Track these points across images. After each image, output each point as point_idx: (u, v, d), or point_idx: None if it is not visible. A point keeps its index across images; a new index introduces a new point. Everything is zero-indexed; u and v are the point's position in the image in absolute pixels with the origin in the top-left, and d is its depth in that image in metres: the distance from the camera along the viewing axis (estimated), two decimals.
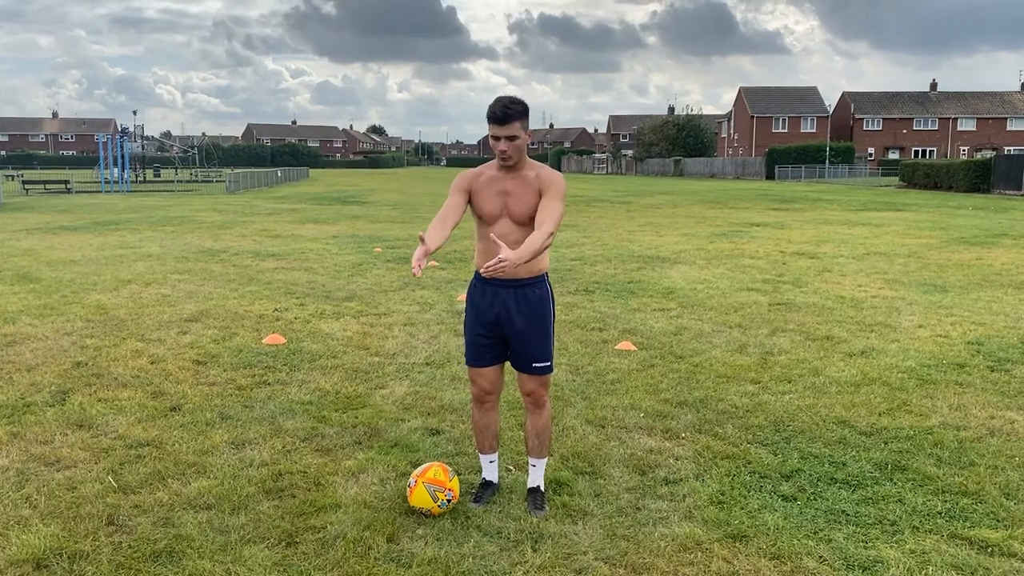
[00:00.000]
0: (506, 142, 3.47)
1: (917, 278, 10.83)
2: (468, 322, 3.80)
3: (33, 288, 9.82)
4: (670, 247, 14.59)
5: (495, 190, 3.59)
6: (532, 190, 3.56)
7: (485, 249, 3.63)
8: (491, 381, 3.85)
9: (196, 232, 17.56)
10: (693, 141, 79.97)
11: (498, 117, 3.43)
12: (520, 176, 3.58)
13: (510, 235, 3.55)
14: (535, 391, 3.80)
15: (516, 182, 3.58)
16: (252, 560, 3.33)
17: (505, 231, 3.57)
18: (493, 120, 3.45)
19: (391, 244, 15.21)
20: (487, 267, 3.21)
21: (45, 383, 5.80)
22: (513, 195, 3.57)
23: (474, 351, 3.80)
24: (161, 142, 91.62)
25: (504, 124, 3.44)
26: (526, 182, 3.57)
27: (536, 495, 3.87)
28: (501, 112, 3.42)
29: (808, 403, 5.41)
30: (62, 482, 4.09)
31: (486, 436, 3.95)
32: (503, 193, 3.58)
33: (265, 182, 47.10)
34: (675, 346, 6.97)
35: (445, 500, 3.71)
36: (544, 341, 3.74)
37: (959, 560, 3.36)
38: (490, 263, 3.19)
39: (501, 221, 3.59)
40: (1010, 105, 78.22)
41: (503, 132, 3.45)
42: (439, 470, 3.78)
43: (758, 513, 3.78)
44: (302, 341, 7.11)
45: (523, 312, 3.67)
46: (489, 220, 3.60)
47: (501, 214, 3.59)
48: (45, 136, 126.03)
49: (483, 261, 3.61)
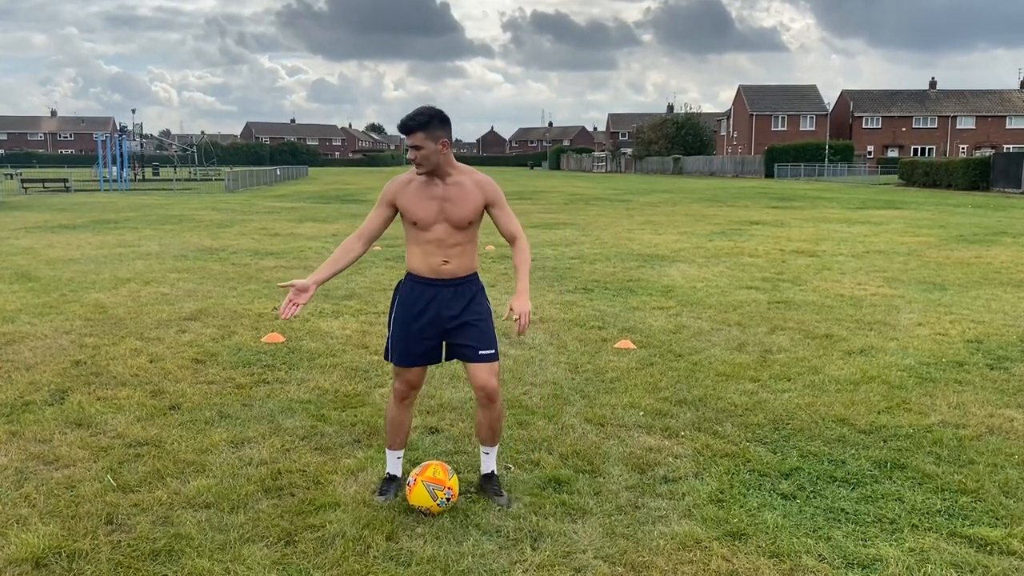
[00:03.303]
0: (413, 151, 3.62)
1: (916, 276, 10.83)
2: (400, 322, 3.83)
3: (32, 287, 9.81)
4: (669, 245, 14.59)
5: (428, 195, 3.70)
6: (473, 197, 3.71)
7: (422, 253, 3.75)
8: (419, 378, 3.93)
9: (195, 231, 17.55)
10: (692, 139, 80.00)
11: (401, 127, 3.63)
12: (456, 183, 3.72)
13: (447, 239, 3.71)
14: (487, 383, 3.77)
15: (453, 188, 3.70)
16: (251, 559, 3.33)
17: (441, 235, 3.70)
18: (399, 130, 3.63)
19: (390, 243, 15.19)
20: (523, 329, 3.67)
21: (44, 382, 5.79)
22: (452, 200, 3.69)
23: (408, 351, 3.83)
24: (160, 141, 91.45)
25: (409, 134, 3.60)
26: (464, 189, 3.71)
27: (492, 480, 3.96)
28: (403, 123, 3.61)
29: (807, 401, 5.41)
30: (61, 481, 4.09)
31: (400, 432, 4.00)
32: (438, 199, 3.69)
33: (264, 181, 47.07)
34: (674, 344, 6.97)
35: (444, 499, 3.70)
36: (488, 329, 3.80)
37: (958, 558, 3.36)
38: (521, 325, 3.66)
39: (437, 226, 3.70)
40: (1009, 103, 78.23)
41: (409, 142, 3.61)
42: (438, 468, 3.78)
43: (757, 511, 3.78)
44: (301, 340, 7.11)
45: (462, 305, 3.77)
46: (424, 225, 3.71)
47: (437, 219, 3.70)
48: (44, 135, 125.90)
49: (420, 265, 3.75)
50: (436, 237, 3.70)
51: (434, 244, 3.72)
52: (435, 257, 3.72)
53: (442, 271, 3.73)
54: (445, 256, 3.72)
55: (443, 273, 3.73)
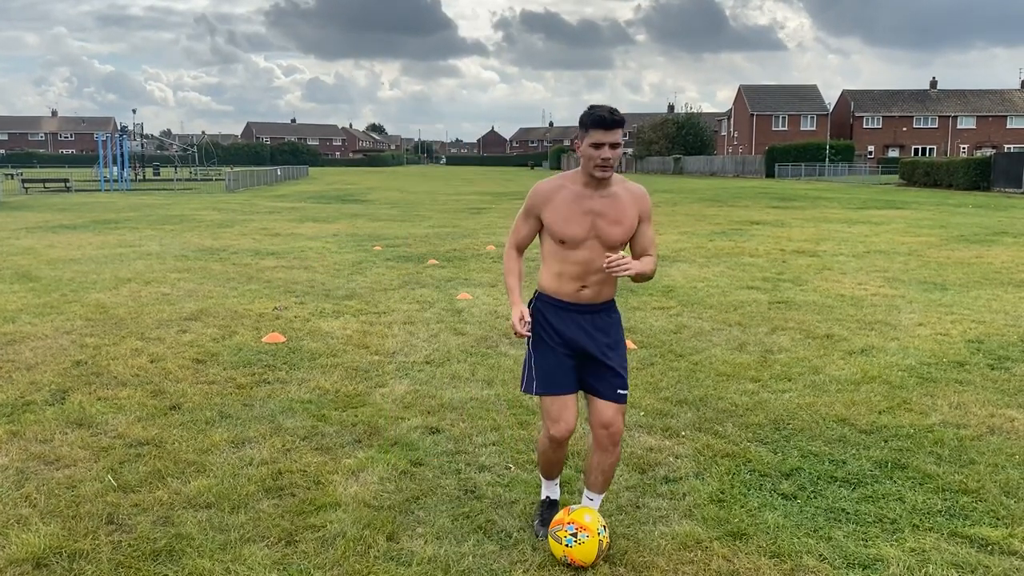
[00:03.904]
0: (610, 149, 3.15)
1: (917, 276, 10.83)
2: (543, 346, 3.37)
3: (32, 287, 9.82)
4: (670, 245, 14.59)
5: (580, 209, 3.24)
6: (629, 213, 3.28)
7: (559, 276, 3.32)
8: (575, 413, 3.41)
9: (196, 231, 17.56)
10: (693, 139, 79.95)
11: (604, 122, 3.13)
12: (612, 195, 3.26)
13: (595, 261, 3.25)
14: (614, 422, 3.36)
15: (608, 201, 3.25)
16: (252, 559, 3.33)
17: (588, 256, 3.26)
18: (598, 124, 3.13)
19: (391, 243, 15.20)
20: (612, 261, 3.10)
21: (44, 382, 5.80)
22: (606, 216, 3.24)
23: (557, 377, 3.35)
24: (161, 141, 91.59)
25: (611, 129, 3.13)
26: (619, 202, 3.26)
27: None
28: (610, 117, 3.13)
29: (808, 401, 5.41)
30: (62, 481, 4.09)
31: (558, 467, 3.63)
32: (592, 214, 3.24)
33: (264, 181, 47.08)
34: (675, 344, 6.96)
35: (569, 535, 3.26)
36: (625, 365, 3.42)
37: (959, 558, 3.36)
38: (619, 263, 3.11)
39: (587, 243, 3.25)
40: (1010, 103, 78.21)
41: (609, 140, 3.14)
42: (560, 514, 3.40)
43: (758, 511, 3.78)
44: (302, 340, 7.11)
45: (603, 331, 3.38)
46: (572, 244, 3.25)
47: (588, 236, 3.24)
48: (44, 135, 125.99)
49: (560, 287, 3.32)
50: (582, 259, 3.26)
51: (579, 267, 3.27)
52: (572, 284, 3.30)
53: (580, 296, 3.33)
54: (584, 282, 3.30)
55: (581, 299, 3.33)
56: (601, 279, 3.31)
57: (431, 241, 15.50)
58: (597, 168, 3.20)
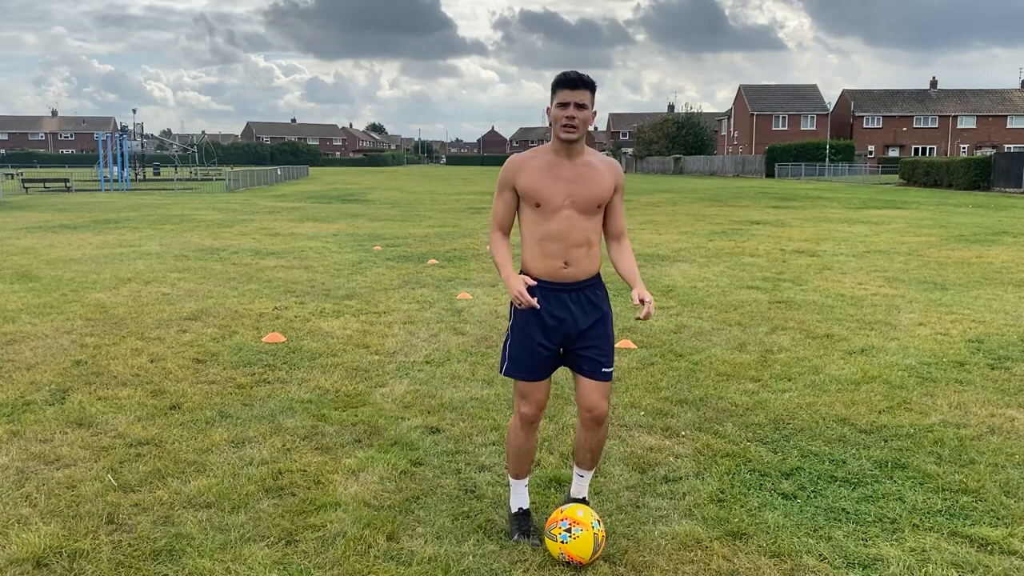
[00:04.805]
0: (575, 108, 3.19)
1: (917, 276, 10.83)
2: (521, 331, 3.39)
3: (33, 287, 9.82)
4: (670, 245, 14.59)
5: (553, 175, 3.28)
6: (604, 179, 3.33)
7: (541, 252, 3.32)
8: (546, 396, 3.48)
9: (196, 231, 17.56)
10: (693, 139, 79.96)
11: (571, 81, 3.19)
12: (587, 163, 3.32)
13: (572, 232, 3.28)
14: (599, 404, 3.39)
15: (583, 169, 3.30)
16: (252, 558, 3.33)
17: (566, 226, 3.28)
18: (564, 85, 3.19)
19: (391, 242, 15.20)
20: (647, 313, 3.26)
21: (45, 382, 5.80)
22: (580, 182, 3.28)
23: (533, 363, 3.39)
24: (161, 140, 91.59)
25: (576, 89, 3.19)
26: (594, 169, 3.32)
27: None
28: (575, 76, 3.19)
29: (808, 401, 5.41)
30: (62, 481, 4.09)
31: (529, 459, 3.59)
32: (565, 180, 3.28)
33: (265, 180, 47.07)
34: (675, 344, 6.96)
35: (564, 531, 3.26)
36: (609, 343, 3.42)
37: (959, 558, 3.36)
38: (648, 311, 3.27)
39: (563, 212, 3.28)
40: (1010, 103, 78.22)
41: (575, 99, 3.18)
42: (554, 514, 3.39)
43: (758, 511, 3.78)
44: (302, 339, 7.11)
45: (588, 313, 3.37)
46: (548, 208, 3.27)
47: (563, 203, 3.27)
48: (44, 134, 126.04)
49: (542, 265, 3.33)
50: (561, 231, 3.27)
51: (559, 242, 3.28)
52: (554, 261, 3.30)
53: (563, 275, 3.32)
54: (565, 258, 3.30)
55: (564, 277, 3.32)
56: (582, 254, 3.32)
57: (431, 241, 15.51)
58: (563, 129, 3.23)
